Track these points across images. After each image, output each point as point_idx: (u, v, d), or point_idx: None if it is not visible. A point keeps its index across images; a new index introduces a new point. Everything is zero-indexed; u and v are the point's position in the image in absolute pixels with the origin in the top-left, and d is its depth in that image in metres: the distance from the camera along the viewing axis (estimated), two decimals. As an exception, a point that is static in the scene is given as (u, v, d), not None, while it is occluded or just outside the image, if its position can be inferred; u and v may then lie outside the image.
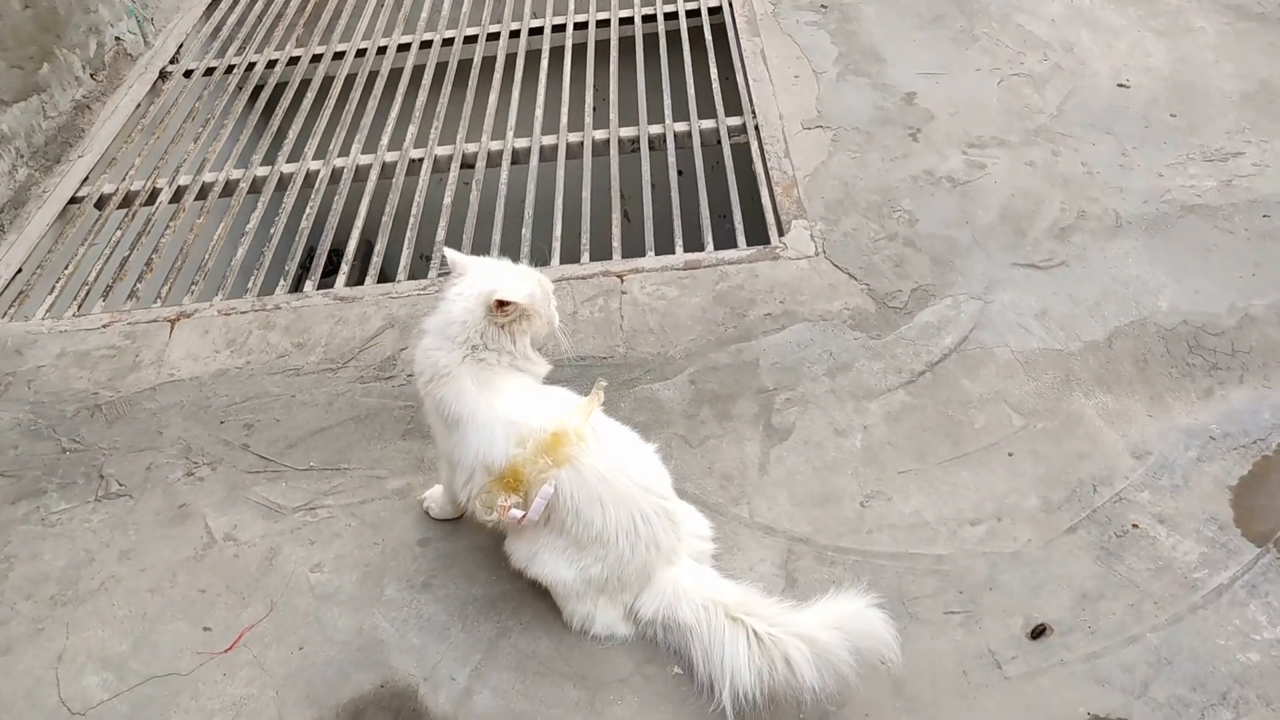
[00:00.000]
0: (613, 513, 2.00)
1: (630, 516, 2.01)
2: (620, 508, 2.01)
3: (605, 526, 2.01)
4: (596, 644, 2.14)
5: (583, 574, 2.07)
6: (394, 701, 2.10)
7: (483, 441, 2.05)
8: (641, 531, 2.03)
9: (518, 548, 2.15)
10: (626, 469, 2.04)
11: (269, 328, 3.02)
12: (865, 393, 2.60)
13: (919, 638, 2.09)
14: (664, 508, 2.07)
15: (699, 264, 3.03)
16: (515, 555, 2.17)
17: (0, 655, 2.27)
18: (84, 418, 2.82)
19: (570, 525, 2.02)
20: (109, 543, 2.49)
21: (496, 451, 2.04)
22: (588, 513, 2.00)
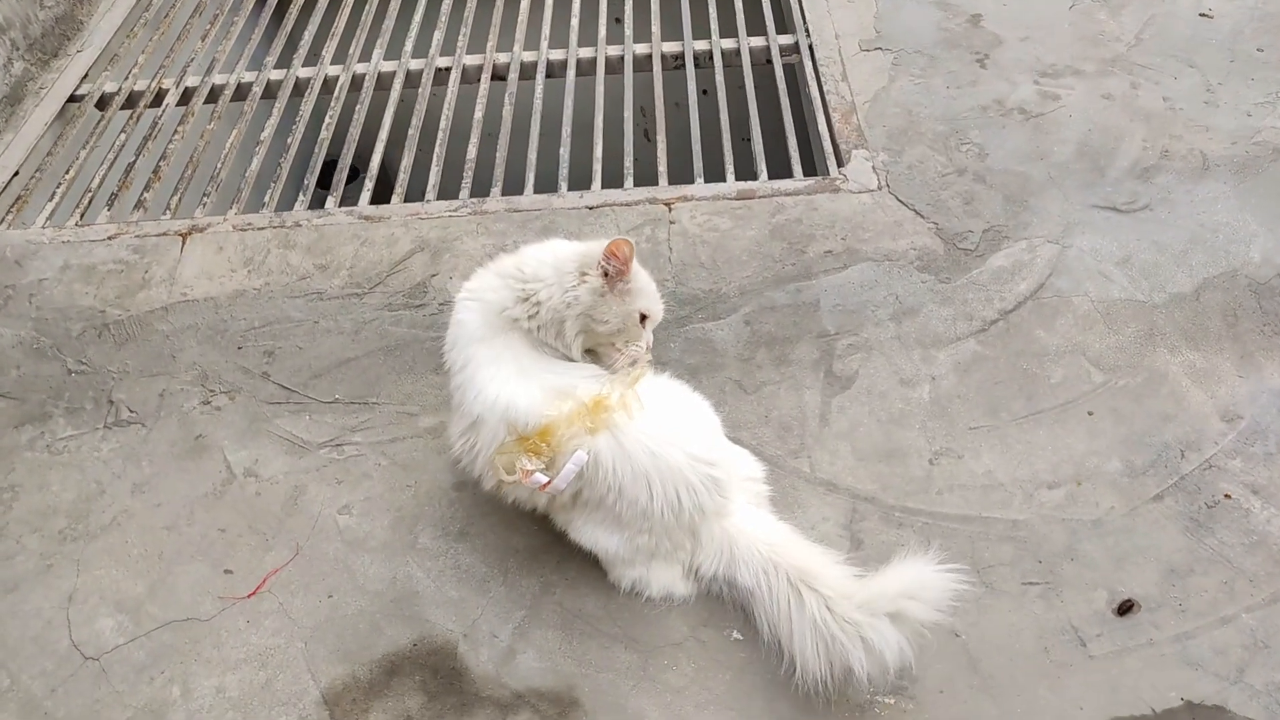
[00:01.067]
0: (659, 489, 1.83)
1: (675, 491, 1.85)
2: (667, 484, 1.83)
3: (651, 504, 1.84)
4: (648, 605, 2.00)
5: (629, 543, 1.92)
6: (431, 659, 1.96)
7: (509, 391, 1.87)
8: (685, 503, 1.86)
9: (555, 512, 2.00)
10: (676, 439, 1.86)
11: (289, 247, 2.81)
12: (933, 340, 2.43)
13: (995, 610, 1.95)
14: (711, 477, 1.89)
15: (753, 194, 2.82)
16: (555, 518, 2.01)
17: (6, 593, 2.12)
18: (91, 338, 2.63)
19: (613, 502, 1.85)
20: (120, 474, 2.32)
21: (522, 405, 1.85)
22: (632, 490, 1.83)
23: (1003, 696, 1.83)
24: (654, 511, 1.84)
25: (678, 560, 1.97)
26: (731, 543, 1.94)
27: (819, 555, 1.92)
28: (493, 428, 1.86)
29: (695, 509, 1.87)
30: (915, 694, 1.84)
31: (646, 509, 1.84)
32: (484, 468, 1.92)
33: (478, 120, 3.18)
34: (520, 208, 2.85)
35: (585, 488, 1.87)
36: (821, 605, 1.81)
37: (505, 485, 1.92)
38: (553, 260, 1.91)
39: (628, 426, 1.83)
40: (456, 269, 2.69)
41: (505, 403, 1.84)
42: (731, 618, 1.97)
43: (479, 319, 1.91)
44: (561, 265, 1.90)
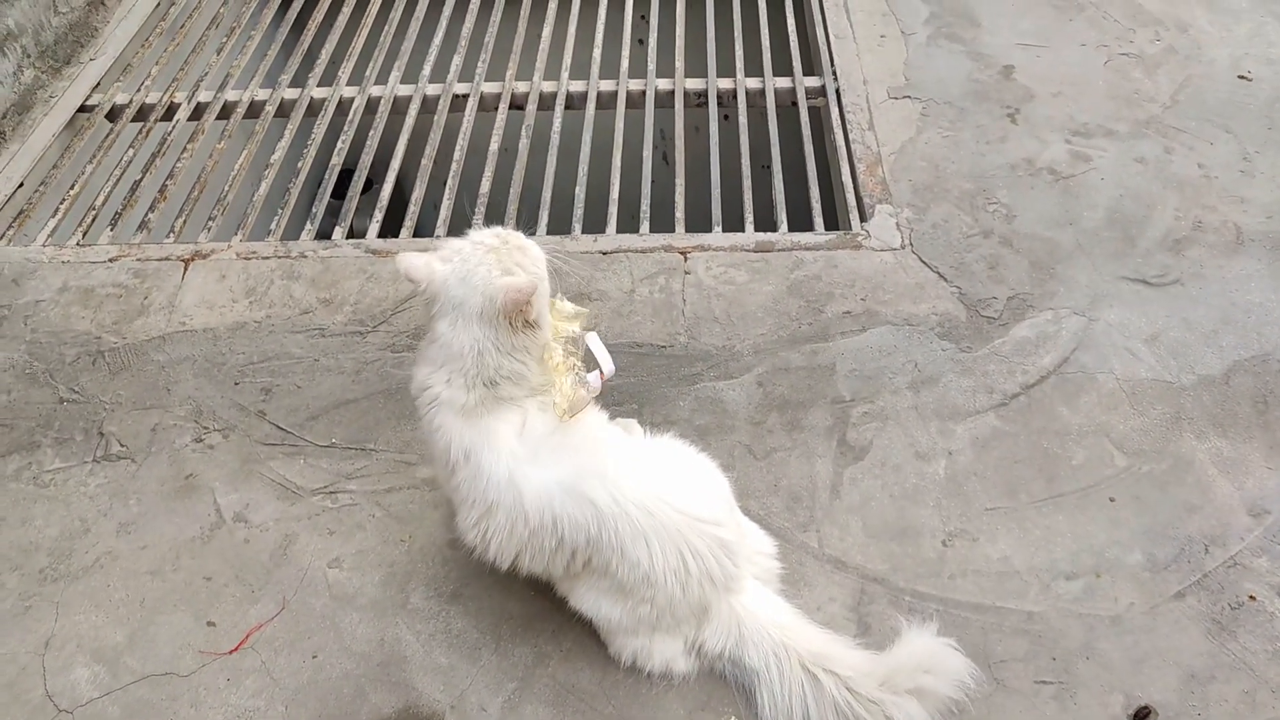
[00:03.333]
0: (659, 549, 1.75)
1: (678, 553, 1.76)
2: (667, 544, 1.75)
3: (653, 567, 1.75)
4: (644, 683, 1.92)
5: (631, 613, 1.84)
6: (418, 731, 1.89)
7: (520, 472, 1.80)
8: (693, 569, 1.78)
9: (559, 580, 1.92)
10: (670, 498, 1.77)
11: (293, 278, 2.74)
12: (952, 412, 2.34)
13: (1006, 710, 1.87)
14: (717, 538, 1.81)
15: (771, 246, 2.74)
16: (559, 586, 1.93)
17: (-18, 636, 2.05)
18: (85, 365, 2.56)
19: (615, 566, 1.77)
20: (107, 512, 2.25)
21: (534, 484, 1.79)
22: (633, 552, 1.74)
23: (1011, 805, 1.75)
24: (656, 576, 1.76)
25: (681, 634, 1.89)
26: (739, 622, 1.86)
27: (833, 639, 1.85)
28: (508, 509, 1.79)
29: (703, 576, 1.79)
30: (920, 798, 1.76)
31: (649, 574, 1.76)
32: (498, 551, 1.84)
33: (493, 152, 3.11)
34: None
35: (594, 553, 1.78)
36: (841, 686, 1.75)
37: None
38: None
39: (625, 484, 1.75)
40: (464, 310, 2.61)
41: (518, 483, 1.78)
42: (730, 701, 1.89)
43: (456, 418, 1.82)
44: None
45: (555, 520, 1.75)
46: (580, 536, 1.75)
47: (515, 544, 1.81)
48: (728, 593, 1.85)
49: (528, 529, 1.77)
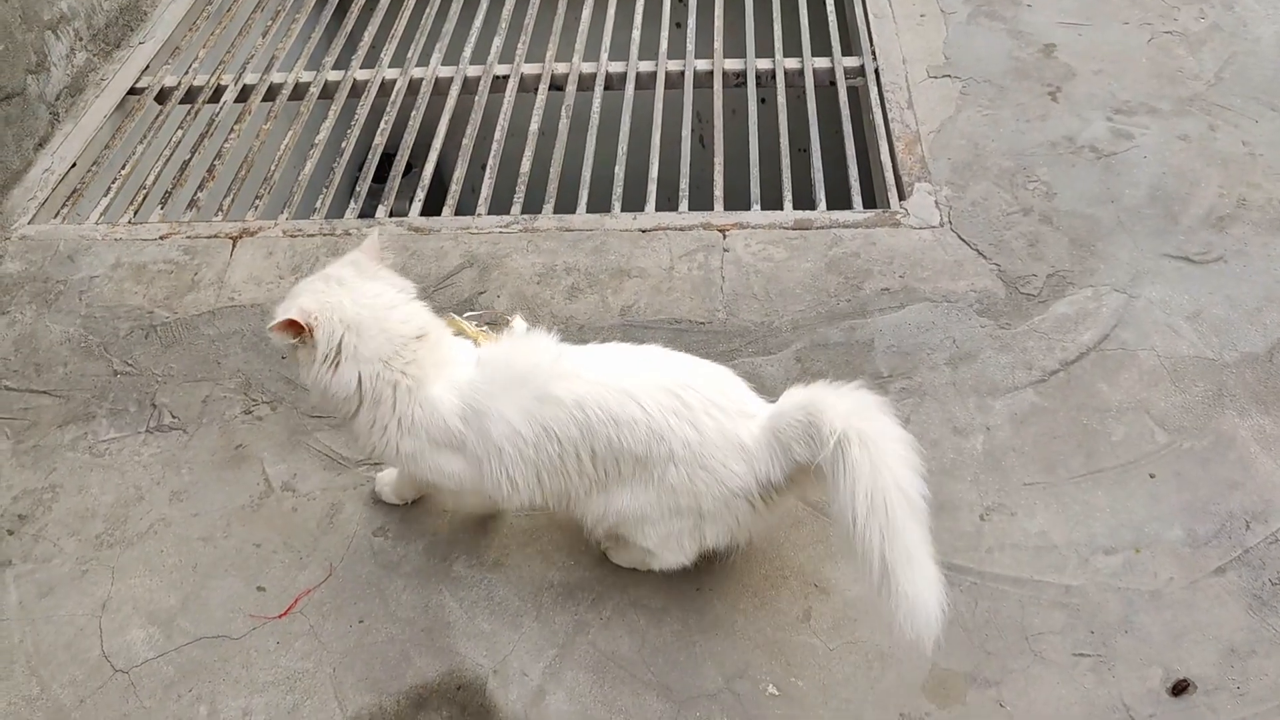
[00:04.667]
0: (648, 400, 1.73)
1: (671, 394, 1.74)
2: (654, 392, 1.74)
3: (651, 417, 1.73)
4: (683, 651, 1.96)
5: (660, 485, 1.78)
6: (460, 694, 1.93)
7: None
8: (693, 400, 1.74)
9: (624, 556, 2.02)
10: (630, 367, 1.81)
11: (338, 255, 2.74)
12: (990, 389, 2.35)
13: (1043, 681, 1.88)
14: (694, 373, 1.81)
15: (810, 224, 2.76)
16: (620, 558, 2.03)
17: (42, 597, 2.12)
18: (138, 338, 2.62)
19: (619, 438, 1.74)
20: (160, 480, 2.32)
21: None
22: (625, 413, 1.73)
23: (1047, 775, 1.76)
24: (659, 425, 1.72)
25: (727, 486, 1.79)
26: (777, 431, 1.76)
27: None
28: (507, 438, 1.81)
29: (708, 405, 1.75)
30: (956, 765, 1.78)
31: (650, 426, 1.73)
32: (524, 483, 1.84)
33: (533, 132, 3.14)
34: (572, 227, 2.81)
35: (594, 442, 1.76)
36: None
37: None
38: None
39: (580, 374, 1.77)
40: (505, 287, 2.66)
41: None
42: (768, 671, 1.92)
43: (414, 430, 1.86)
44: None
45: (545, 428, 1.77)
46: (573, 430, 1.76)
47: (531, 468, 1.81)
48: (745, 418, 1.79)
49: (530, 446, 1.79)
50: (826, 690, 1.89)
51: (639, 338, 2.51)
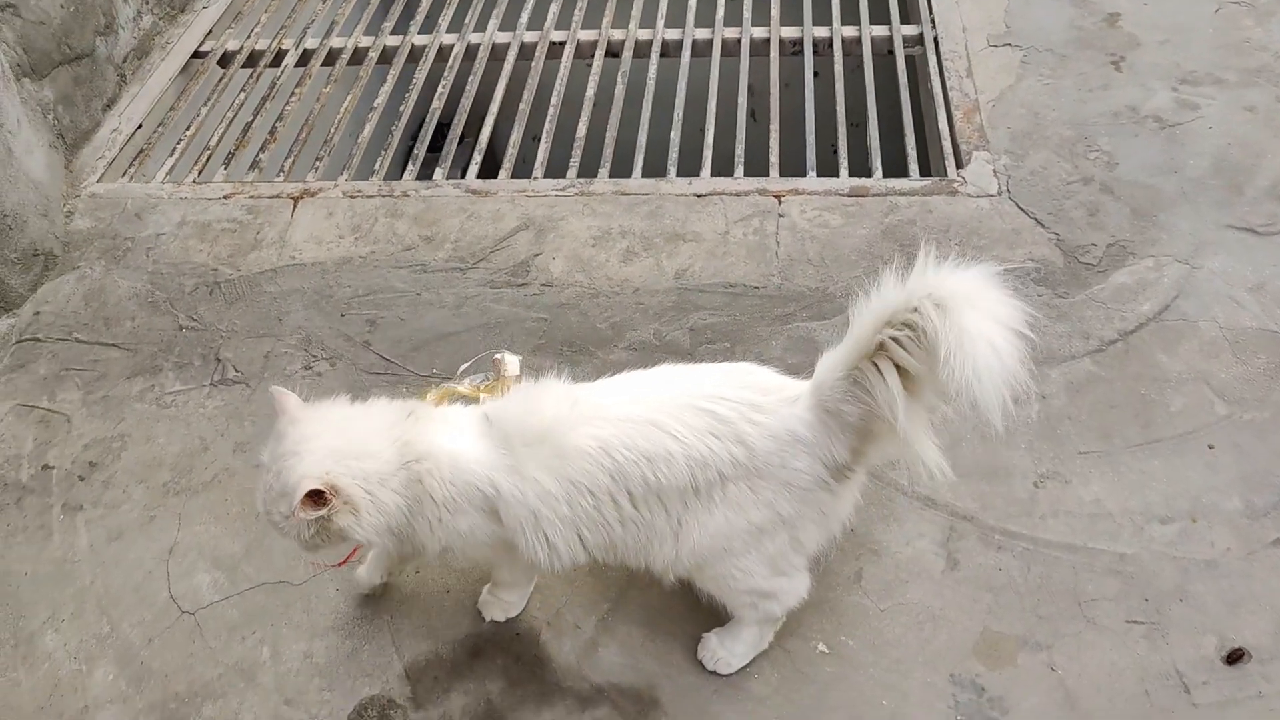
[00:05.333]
0: (676, 423, 1.62)
1: (696, 410, 1.63)
2: (677, 411, 1.63)
3: (686, 440, 1.61)
4: (734, 608, 1.98)
5: (727, 504, 1.66)
6: (514, 644, 1.97)
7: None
8: (727, 413, 1.63)
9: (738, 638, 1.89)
10: (632, 394, 1.70)
11: (396, 216, 2.83)
12: (1046, 357, 2.33)
13: (1096, 647, 1.88)
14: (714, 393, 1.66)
15: (866, 191, 2.75)
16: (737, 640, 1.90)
17: (111, 541, 2.19)
18: (203, 295, 2.69)
19: (657, 476, 1.62)
20: (224, 432, 2.38)
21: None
22: (657, 447, 1.62)
23: (1098, 737, 1.76)
24: (695, 450, 1.61)
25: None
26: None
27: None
28: (542, 500, 1.68)
29: (747, 414, 1.64)
30: (1006, 727, 1.79)
31: (689, 453, 1.61)
32: (564, 543, 1.71)
33: (589, 98, 3.16)
34: (628, 191, 2.82)
35: (632, 486, 1.64)
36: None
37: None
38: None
39: (606, 427, 1.65)
40: (561, 250, 2.68)
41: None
42: (818, 629, 1.94)
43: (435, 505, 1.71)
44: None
45: (573, 483, 1.65)
46: (603, 479, 1.64)
47: (569, 526, 1.68)
48: (789, 405, 1.67)
49: (564, 503, 1.66)
50: (876, 649, 1.90)
51: (693, 301, 2.52)
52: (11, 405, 2.48)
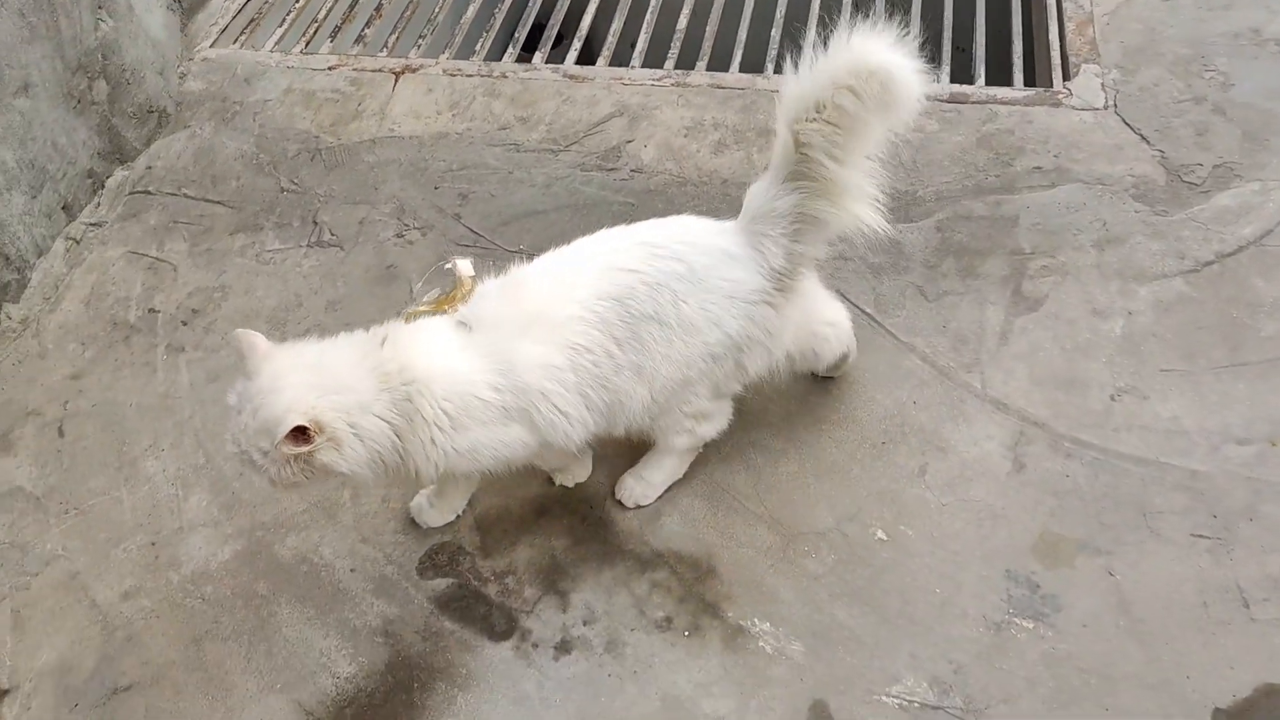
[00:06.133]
0: (634, 262, 1.74)
1: (639, 250, 1.76)
2: (632, 259, 1.75)
3: (642, 273, 1.73)
4: (798, 490, 2.02)
5: (713, 352, 1.79)
6: (580, 506, 2.05)
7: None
8: (662, 240, 1.76)
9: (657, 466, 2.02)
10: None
11: (494, 96, 2.87)
12: (1136, 274, 2.29)
13: (1157, 556, 1.88)
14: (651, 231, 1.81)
15: (966, 98, 2.70)
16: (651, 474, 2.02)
17: (210, 381, 2.31)
18: (304, 160, 2.78)
19: (651, 305, 1.73)
20: (318, 290, 2.47)
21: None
22: (625, 286, 1.72)
23: (1150, 642, 1.77)
24: (652, 274, 1.72)
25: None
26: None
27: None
28: (549, 378, 1.73)
29: (678, 239, 1.78)
30: (1056, 623, 1.81)
31: (645, 280, 1.72)
32: (578, 416, 1.77)
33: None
34: (724, 84, 2.82)
35: (631, 336, 1.74)
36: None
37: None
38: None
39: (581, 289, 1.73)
40: (652, 138, 2.70)
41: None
42: (878, 518, 1.97)
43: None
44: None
45: (573, 346, 1.71)
46: (594, 332, 1.72)
47: (575, 391, 1.74)
48: (721, 234, 1.80)
49: (569, 370, 1.72)
50: (934, 541, 1.93)
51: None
52: (123, 251, 2.61)
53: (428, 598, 1.95)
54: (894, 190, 2.48)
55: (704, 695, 1.77)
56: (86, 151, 2.69)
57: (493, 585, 1.95)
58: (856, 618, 1.84)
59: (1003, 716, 1.71)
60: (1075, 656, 1.77)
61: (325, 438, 1.60)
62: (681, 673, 1.80)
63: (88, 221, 2.68)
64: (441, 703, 1.79)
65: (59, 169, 2.59)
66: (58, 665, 1.90)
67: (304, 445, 1.58)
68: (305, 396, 1.61)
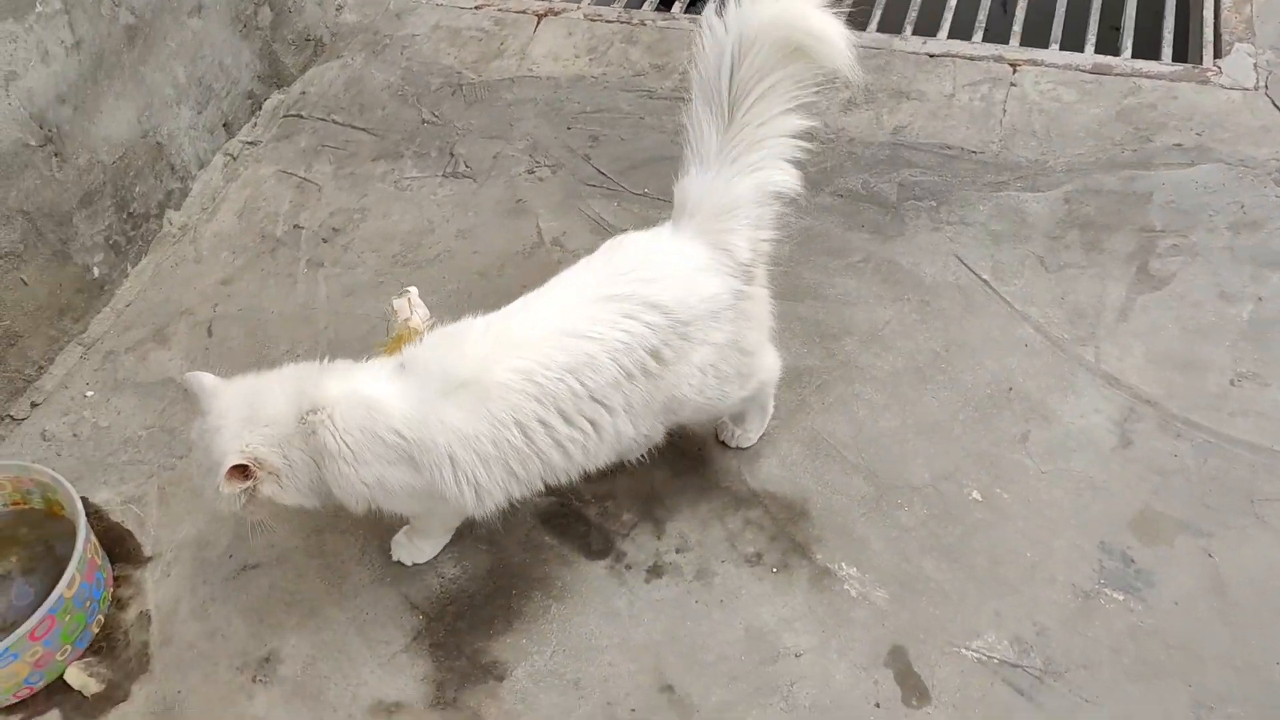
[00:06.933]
0: (594, 329, 1.63)
1: (600, 310, 1.65)
2: (590, 324, 1.64)
3: (603, 341, 1.62)
4: (896, 444, 2.05)
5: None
6: (682, 442, 2.10)
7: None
8: (629, 290, 1.65)
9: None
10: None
11: (631, 42, 2.94)
12: (1272, 260, 2.23)
13: (1258, 542, 1.85)
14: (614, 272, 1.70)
15: (1109, 70, 2.64)
16: None
17: (345, 296, 2.46)
18: (446, 94, 2.90)
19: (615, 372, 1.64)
20: (450, 218, 2.59)
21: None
22: (581, 356, 1.62)
23: (1240, 626, 1.76)
24: (615, 343, 1.62)
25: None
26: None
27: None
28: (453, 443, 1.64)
29: (643, 276, 1.67)
30: (1147, 597, 1.81)
31: (613, 348, 1.63)
32: (488, 483, 1.68)
33: (835, -51, 3.12)
34: (860, 43, 2.78)
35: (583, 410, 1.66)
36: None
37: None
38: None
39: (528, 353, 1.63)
40: (783, 92, 2.72)
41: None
42: (975, 479, 1.99)
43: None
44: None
45: (497, 420, 1.63)
46: (530, 405, 1.63)
47: (495, 464, 1.66)
48: (681, 254, 1.70)
49: (489, 442, 1.64)
50: (1030, 506, 1.94)
51: (906, 158, 2.53)
52: (274, 170, 2.78)
53: (531, 513, 2.05)
54: (1023, 159, 2.49)
55: (786, 629, 1.84)
56: (248, 73, 2.86)
57: (593, 507, 2.05)
58: (943, 572, 1.88)
59: (1082, 681, 1.73)
60: (1162, 632, 1.77)
61: (265, 472, 1.64)
62: (766, 606, 1.87)
63: (245, 140, 2.86)
64: (537, 610, 1.90)
65: (223, 88, 2.77)
66: (196, 540, 2.08)
67: (242, 482, 1.62)
68: (241, 434, 1.63)
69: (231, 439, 1.62)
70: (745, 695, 1.76)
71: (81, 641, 1.89)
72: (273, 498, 1.67)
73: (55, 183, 2.29)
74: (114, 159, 2.45)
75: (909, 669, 1.77)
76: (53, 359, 2.37)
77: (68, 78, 2.29)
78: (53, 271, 2.34)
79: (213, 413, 1.67)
